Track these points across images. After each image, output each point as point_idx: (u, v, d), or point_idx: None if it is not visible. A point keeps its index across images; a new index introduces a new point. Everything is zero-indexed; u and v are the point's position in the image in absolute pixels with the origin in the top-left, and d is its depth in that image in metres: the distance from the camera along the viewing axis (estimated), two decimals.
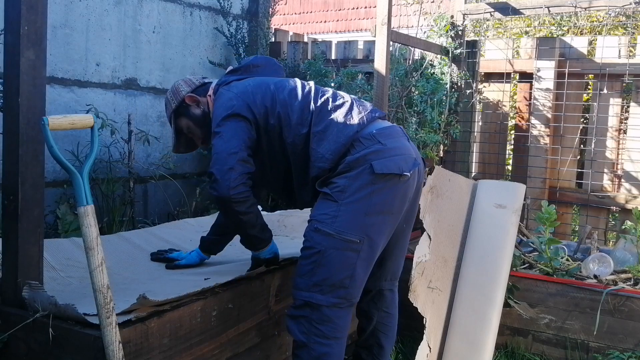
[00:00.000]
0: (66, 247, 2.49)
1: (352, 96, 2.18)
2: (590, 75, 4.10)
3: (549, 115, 4.01)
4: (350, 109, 2.07)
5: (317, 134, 2.02)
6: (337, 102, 2.09)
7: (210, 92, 2.27)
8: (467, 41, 4.16)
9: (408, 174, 1.97)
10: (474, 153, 4.27)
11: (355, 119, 2.04)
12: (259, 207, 3.39)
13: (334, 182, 1.98)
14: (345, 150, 1.99)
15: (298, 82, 2.19)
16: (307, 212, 3.13)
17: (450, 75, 4.12)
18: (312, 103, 2.08)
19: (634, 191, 3.81)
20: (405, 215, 2.14)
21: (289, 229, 3.06)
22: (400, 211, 2.05)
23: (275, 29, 4.85)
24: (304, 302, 1.98)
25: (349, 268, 1.95)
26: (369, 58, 4.38)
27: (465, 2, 4.16)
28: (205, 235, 2.53)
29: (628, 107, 3.99)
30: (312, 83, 2.22)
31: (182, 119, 2.33)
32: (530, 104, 4.10)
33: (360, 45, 4.58)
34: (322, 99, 2.09)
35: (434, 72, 4.13)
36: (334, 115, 2.05)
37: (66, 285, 2.19)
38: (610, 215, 4.03)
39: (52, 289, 2.08)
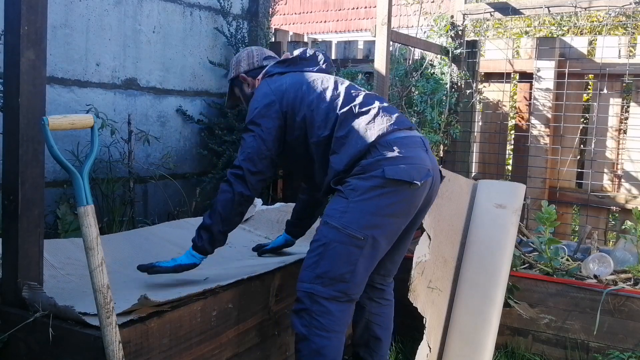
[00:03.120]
0: (65, 247, 2.49)
1: (383, 104, 2.22)
2: (590, 75, 4.10)
3: (549, 115, 4.01)
4: (375, 117, 2.13)
5: (338, 139, 2.12)
6: (363, 109, 2.15)
7: (260, 77, 2.42)
8: (467, 41, 4.16)
9: (418, 183, 2.03)
10: (474, 153, 4.27)
11: (376, 127, 2.10)
12: (260, 200, 3.44)
13: (348, 181, 2.07)
14: (362, 155, 2.07)
15: (331, 83, 2.26)
16: None
17: (450, 75, 4.11)
18: (338, 108, 2.16)
19: (634, 191, 3.80)
20: (410, 222, 2.19)
21: None
22: (407, 217, 2.11)
23: (275, 29, 4.85)
24: (305, 294, 2.05)
25: (351, 263, 2.02)
26: (369, 58, 4.38)
27: (465, 2, 4.16)
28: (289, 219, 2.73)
29: (628, 107, 3.99)
30: (345, 85, 2.26)
31: (235, 88, 2.53)
32: (530, 104, 4.10)
33: (360, 45, 4.58)
34: (349, 105, 2.16)
35: (434, 72, 4.13)
36: (357, 122, 2.12)
37: (66, 282, 2.19)
38: (610, 215, 4.03)
39: (53, 287, 2.08)
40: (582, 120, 4.16)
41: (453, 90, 4.12)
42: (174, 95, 3.85)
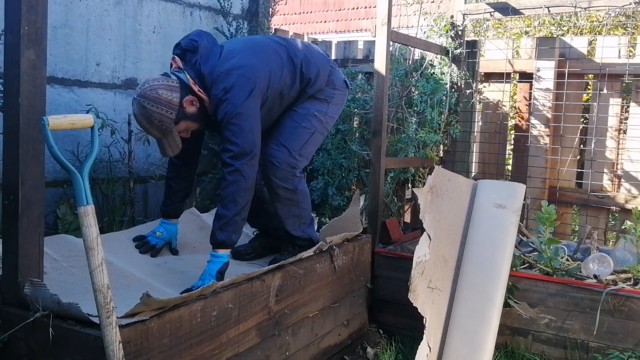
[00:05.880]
0: (66, 240, 2.49)
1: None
2: (590, 75, 4.10)
3: (549, 115, 4.01)
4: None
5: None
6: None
7: (194, 86, 2.43)
8: (467, 41, 4.16)
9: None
10: (474, 153, 4.27)
11: None
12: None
13: (325, 91, 2.76)
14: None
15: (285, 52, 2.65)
16: None
17: (450, 75, 4.11)
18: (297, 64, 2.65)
19: (634, 191, 3.80)
20: None
21: None
22: None
23: (275, 29, 4.84)
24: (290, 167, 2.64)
25: (317, 146, 2.77)
26: (369, 58, 4.38)
27: (465, 2, 4.15)
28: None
29: (628, 107, 3.99)
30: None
31: (180, 124, 2.42)
32: (530, 104, 4.10)
33: (360, 45, 4.58)
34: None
35: (434, 72, 4.13)
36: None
37: (68, 275, 2.20)
38: (610, 215, 4.03)
39: (55, 279, 2.08)
40: (582, 120, 4.16)
41: (453, 90, 4.12)
42: None
